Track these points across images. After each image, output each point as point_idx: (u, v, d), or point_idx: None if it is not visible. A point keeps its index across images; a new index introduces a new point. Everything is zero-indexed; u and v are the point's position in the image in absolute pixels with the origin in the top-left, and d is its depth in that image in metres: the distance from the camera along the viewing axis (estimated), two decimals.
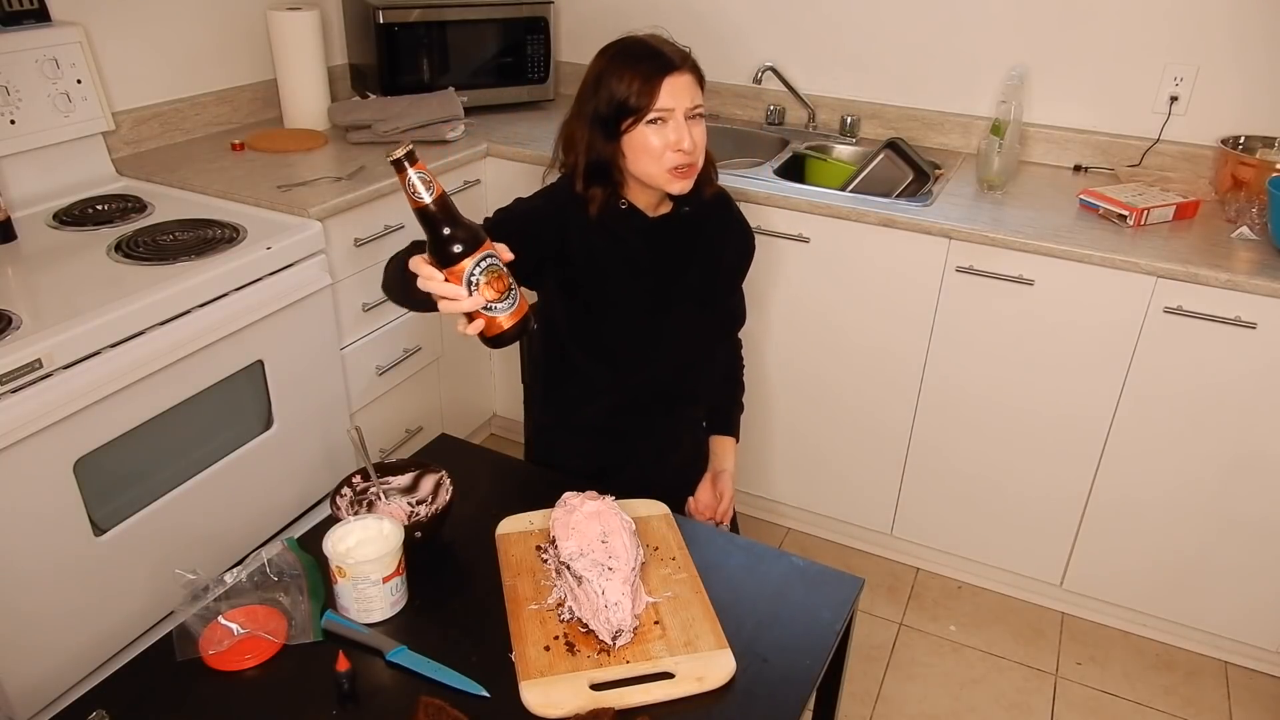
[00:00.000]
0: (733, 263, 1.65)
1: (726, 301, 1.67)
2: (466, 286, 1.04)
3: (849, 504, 2.37)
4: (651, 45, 1.44)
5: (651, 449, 1.63)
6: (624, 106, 1.40)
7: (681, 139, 1.40)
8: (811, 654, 1.16)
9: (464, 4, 2.51)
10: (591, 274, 1.52)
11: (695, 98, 1.43)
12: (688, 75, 1.42)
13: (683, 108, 1.40)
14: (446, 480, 1.34)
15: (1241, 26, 2.10)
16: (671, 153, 1.41)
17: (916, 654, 2.13)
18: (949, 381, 2.11)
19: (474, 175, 2.36)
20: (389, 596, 1.17)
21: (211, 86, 2.34)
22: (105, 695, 1.08)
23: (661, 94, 1.39)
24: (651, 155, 1.41)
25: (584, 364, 1.57)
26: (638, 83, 1.39)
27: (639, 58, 1.41)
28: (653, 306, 1.54)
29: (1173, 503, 2.00)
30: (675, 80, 1.40)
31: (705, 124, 1.47)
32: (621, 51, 1.44)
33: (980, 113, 2.41)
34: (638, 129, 1.41)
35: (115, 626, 1.61)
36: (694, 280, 1.56)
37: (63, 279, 1.62)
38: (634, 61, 1.41)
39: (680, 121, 1.40)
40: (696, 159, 1.44)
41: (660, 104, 1.39)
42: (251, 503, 1.85)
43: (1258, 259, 1.82)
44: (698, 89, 1.44)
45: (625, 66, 1.41)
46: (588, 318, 1.54)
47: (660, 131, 1.40)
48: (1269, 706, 2.02)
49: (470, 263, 1.03)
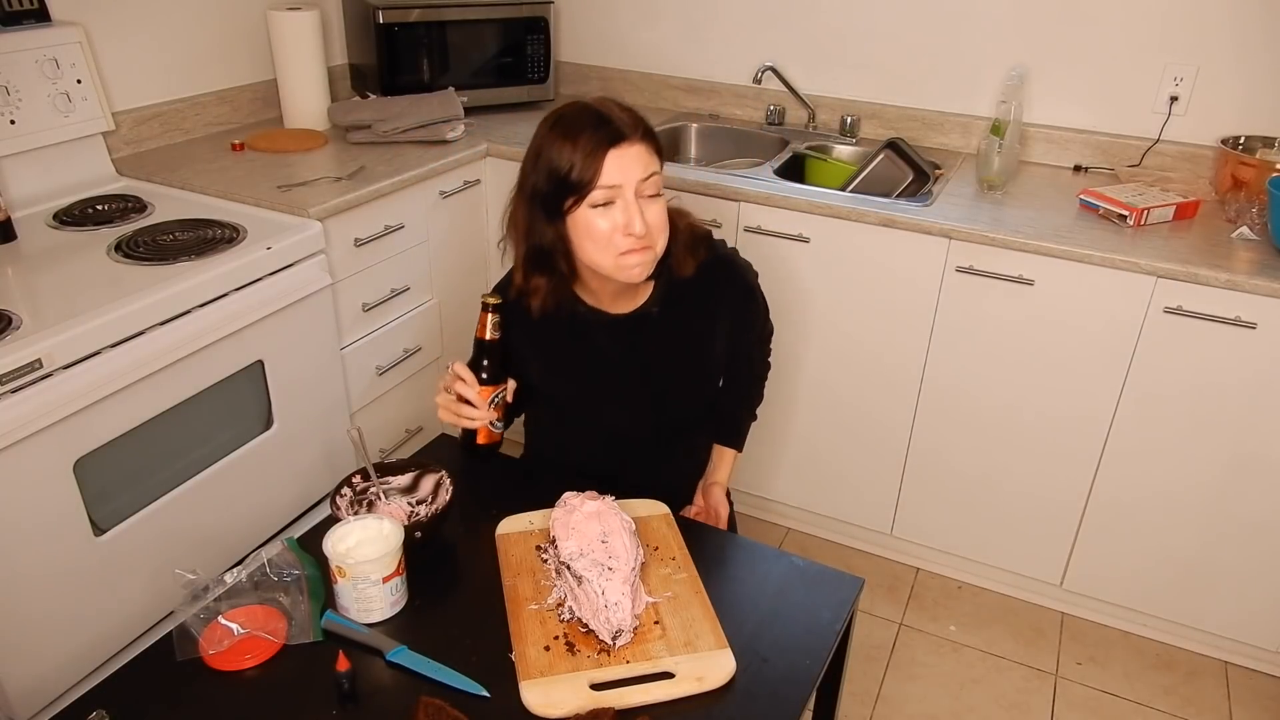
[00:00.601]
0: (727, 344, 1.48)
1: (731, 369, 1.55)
2: (489, 405, 1.34)
3: (849, 504, 2.37)
4: (597, 112, 1.25)
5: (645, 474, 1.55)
6: (565, 183, 1.23)
7: (631, 222, 1.23)
8: (811, 654, 1.16)
9: (464, 4, 2.51)
10: (552, 377, 1.44)
11: (648, 168, 1.25)
12: (638, 145, 1.24)
13: (632, 183, 1.23)
14: (446, 480, 1.34)
15: (1241, 26, 2.10)
16: (621, 237, 1.24)
17: (916, 654, 2.13)
18: (949, 381, 2.11)
19: (474, 175, 2.36)
20: (389, 596, 1.17)
21: (211, 86, 2.34)
22: (105, 695, 1.08)
23: (606, 168, 1.21)
24: (598, 241, 1.25)
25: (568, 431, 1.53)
26: (579, 156, 1.21)
27: (581, 127, 1.23)
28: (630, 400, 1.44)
29: (1173, 502, 2.00)
30: (623, 152, 1.22)
31: (664, 200, 1.29)
32: (562, 120, 1.26)
33: (980, 113, 2.41)
34: (581, 210, 1.24)
35: (115, 626, 1.61)
36: (677, 376, 1.44)
37: (63, 279, 1.62)
38: (575, 131, 1.23)
39: (630, 200, 1.23)
40: (653, 242, 1.27)
41: (605, 180, 1.22)
42: (251, 503, 1.85)
43: (1258, 259, 1.82)
44: (653, 158, 1.26)
45: (566, 138, 1.23)
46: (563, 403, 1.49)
47: (607, 213, 1.24)
48: (1269, 706, 2.02)
49: (497, 390, 1.34)
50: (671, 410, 1.50)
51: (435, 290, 2.32)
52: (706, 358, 1.47)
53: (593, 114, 1.24)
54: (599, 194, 1.23)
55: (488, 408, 1.33)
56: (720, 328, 1.46)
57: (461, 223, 2.36)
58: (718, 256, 1.44)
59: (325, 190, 1.99)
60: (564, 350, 1.42)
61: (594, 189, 1.22)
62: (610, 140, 1.22)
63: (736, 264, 1.47)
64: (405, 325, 2.23)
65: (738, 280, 1.47)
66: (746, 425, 1.66)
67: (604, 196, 1.23)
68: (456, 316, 2.36)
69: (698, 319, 1.43)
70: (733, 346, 1.50)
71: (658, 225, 1.28)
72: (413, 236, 2.19)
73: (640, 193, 1.25)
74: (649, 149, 1.26)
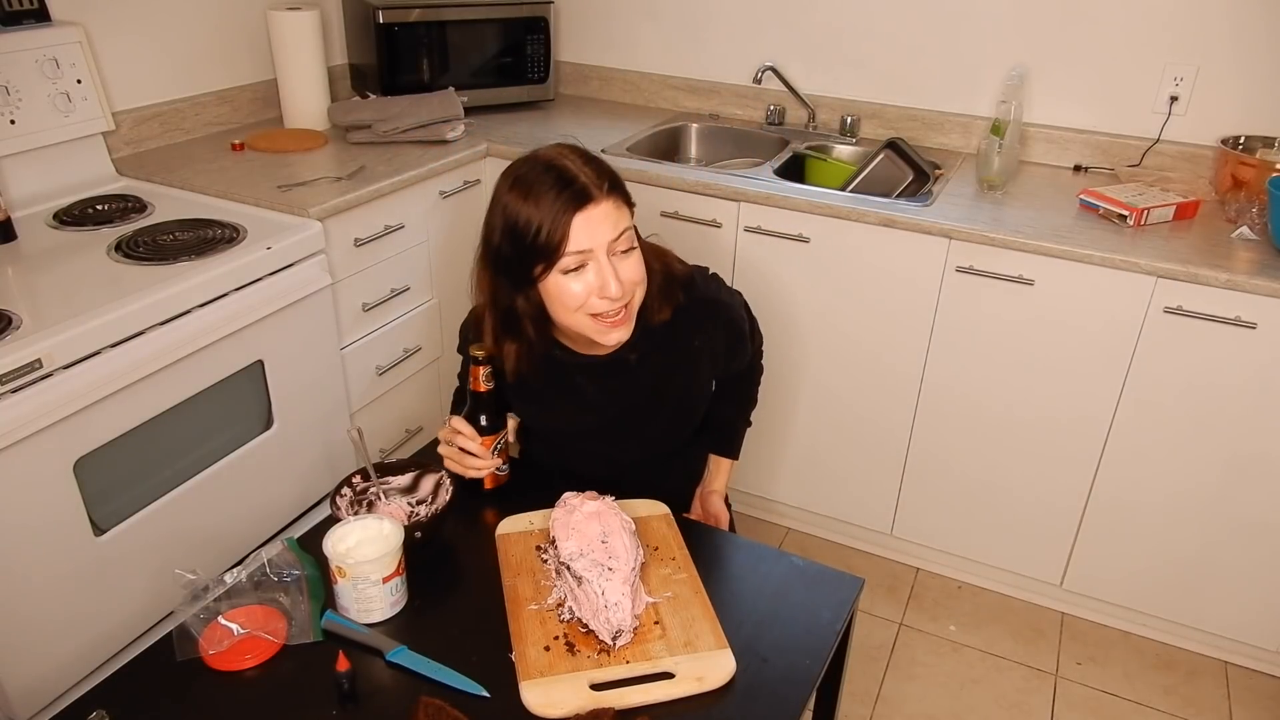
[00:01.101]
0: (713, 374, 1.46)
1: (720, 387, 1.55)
2: (493, 452, 1.37)
3: (849, 504, 2.37)
4: (560, 171, 1.17)
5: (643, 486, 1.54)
6: (531, 250, 1.16)
7: (605, 285, 1.17)
8: (811, 654, 1.16)
9: (464, 4, 2.51)
10: (539, 418, 1.45)
11: (619, 224, 1.18)
12: (605, 203, 1.17)
13: (603, 245, 1.17)
14: (446, 480, 1.34)
15: (1241, 27, 2.10)
16: (596, 299, 1.19)
17: (916, 654, 2.13)
18: (949, 381, 2.11)
19: (474, 175, 2.36)
20: (389, 596, 1.17)
21: (211, 86, 2.34)
22: (105, 695, 1.08)
23: (574, 234, 1.15)
24: (571, 305, 1.19)
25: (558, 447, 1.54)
26: (545, 222, 1.15)
27: (543, 190, 1.16)
28: (612, 438, 1.45)
29: (1173, 502, 2.00)
30: (589, 214, 1.16)
31: (639, 251, 1.23)
32: (521, 182, 1.19)
33: (980, 113, 2.41)
34: (551, 277, 1.18)
35: (115, 626, 1.61)
36: (659, 414, 1.42)
37: (63, 279, 1.62)
38: (537, 195, 1.16)
39: (603, 263, 1.17)
40: (630, 299, 1.22)
41: (574, 246, 1.15)
42: (251, 503, 1.85)
43: (1258, 259, 1.82)
44: (622, 213, 1.19)
45: (527, 201, 1.17)
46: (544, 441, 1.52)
47: (580, 276, 1.18)
48: (1269, 706, 2.02)
49: (498, 437, 1.37)
50: (659, 443, 1.51)
51: (435, 290, 2.32)
52: (688, 397, 1.46)
53: (554, 174, 1.17)
54: (569, 260, 1.17)
55: (491, 455, 1.36)
56: (703, 367, 1.43)
57: (461, 223, 2.36)
58: (696, 300, 1.36)
59: (325, 190, 1.99)
60: (546, 395, 1.41)
61: (563, 256, 1.16)
62: (576, 203, 1.15)
63: (719, 303, 1.41)
64: (405, 325, 2.23)
65: (720, 319, 1.41)
66: (742, 433, 1.63)
67: (575, 262, 1.17)
68: (456, 316, 2.34)
69: (678, 363, 1.39)
70: (721, 367, 1.49)
71: (633, 280, 1.22)
72: (413, 236, 2.19)
73: (613, 250, 1.19)
74: (617, 203, 1.19)
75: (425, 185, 2.19)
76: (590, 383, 1.39)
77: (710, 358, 1.43)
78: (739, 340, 1.47)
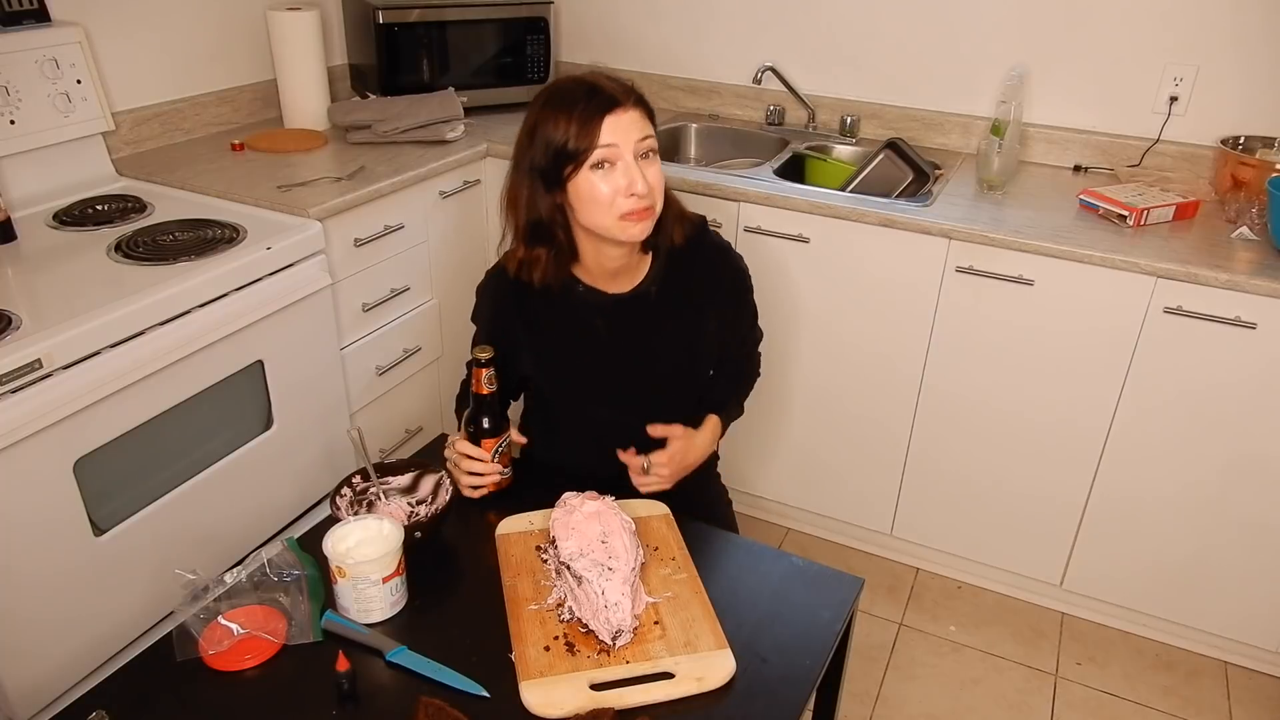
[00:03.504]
0: (718, 324, 1.50)
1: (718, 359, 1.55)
2: (494, 456, 1.38)
3: (849, 504, 2.37)
4: (588, 83, 1.29)
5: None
6: (563, 152, 1.26)
7: (634, 182, 1.26)
8: (811, 654, 1.16)
9: (464, 4, 2.51)
10: (546, 365, 1.46)
11: (644, 130, 1.28)
12: (632, 110, 1.27)
13: (630, 144, 1.26)
14: (446, 480, 1.34)
15: (1241, 27, 2.10)
16: (623, 198, 1.27)
17: (916, 654, 2.13)
18: (949, 381, 2.11)
19: (474, 175, 2.36)
20: (389, 596, 1.17)
21: (211, 86, 2.34)
22: (105, 695, 1.08)
23: (604, 132, 1.25)
24: (599, 203, 1.27)
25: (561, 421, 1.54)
26: (575, 125, 1.25)
27: (574, 99, 1.26)
28: (622, 389, 1.46)
29: (1172, 502, 2.00)
30: (618, 117, 1.26)
31: (660, 162, 1.32)
32: (554, 95, 1.29)
33: (980, 113, 2.41)
34: (581, 174, 1.27)
35: (115, 626, 1.61)
36: (670, 361, 1.46)
37: (63, 279, 1.62)
38: (569, 104, 1.26)
39: (630, 162, 1.26)
40: (653, 201, 1.30)
41: (603, 140, 1.25)
42: (251, 503, 1.85)
43: (1258, 259, 1.83)
44: (647, 123, 1.30)
45: (560, 110, 1.26)
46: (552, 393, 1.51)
47: (608, 177, 1.27)
48: (1269, 706, 2.02)
49: (500, 440, 1.38)
50: (662, 397, 1.50)
51: (435, 290, 2.32)
52: (698, 340, 1.49)
53: (584, 86, 1.28)
54: (598, 154, 1.26)
55: (493, 459, 1.38)
56: (712, 312, 1.49)
57: (461, 223, 2.36)
58: (713, 242, 1.50)
59: (325, 190, 1.99)
60: (559, 335, 1.43)
61: (593, 151, 1.25)
62: (605, 107, 1.26)
63: (731, 251, 1.53)
64: (405, 325, 2.23)
65: (732, 264, 1.51)
66: (735, 396, 1.60)
67: (602, 156, 1.26)
68: (456, 316, 2.36)
69: (693, 300, 1.46)
70: (726, 333, 1.53)
71: (658, 185, 1.31)
72: (413, 236, 2.19)
73: (638, 153, 1.28)
74: (642, 114, 1.30)
75: (425, 185, 2.20)
76: (607, 323, 1.43)
77: (723, 301, 1.50)
78: (748, 290, 1.55)
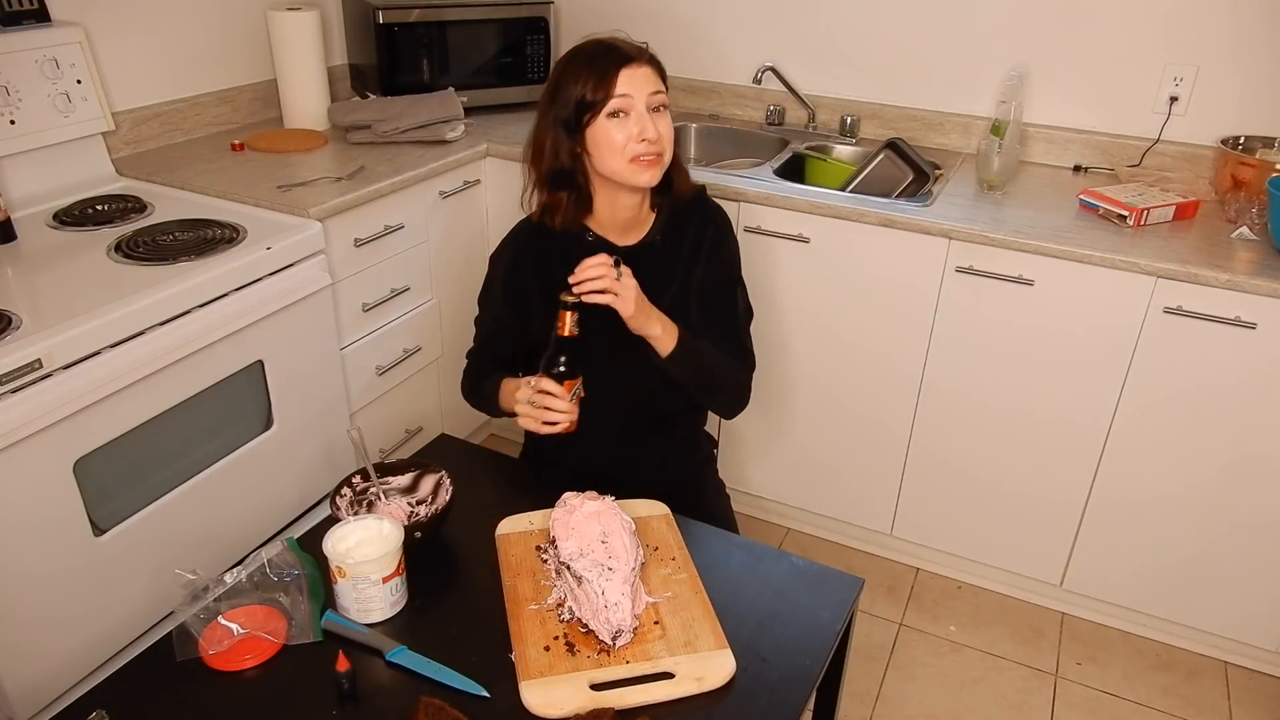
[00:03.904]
0: (705, 279, 1.56)
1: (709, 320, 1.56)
2: (571, 396, 1.38)
3: (849, 504, 2.37)
4: (606, 42, 1.45)
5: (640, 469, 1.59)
6: (582, 102, 1.40)
7: (645, 128, 1.40)
8: (811, 654, 1.16)
9: (464, 4, 2.51)
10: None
11: (655, 85, 1.43)
12: (645, 67, 1.42)
13: (643, 96, 1.40)
14: (446, 480, 1.34)
15: (1241, 26, 2.10)
16: (635, 143, 1.40)
17: (916, 654, 2.13)
18: (949, 381, 2.11)
19: (474, 175, 2.36)
20: (389, 596, 1.17)
21: (211, 86, 2.34)
22: (105, 695, 1.08)
23: (619, 83, 1.39)
24: (614, 148, 1.40)
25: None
26: (594, 78, 1.39)
27: (593, 55, 1.42)
28: (624, 340, 1.46)
29: (1172, 502, 2.00)
30: (632, 71, 1.40)
31: (670, 116, 1.46)
32: (576, 53, 1.44)
33: (980, 113, 2.41)
34: (598, 122, 1.40)
35: (115, 626, 1.61)
36: (670, 310, 1.49)
37: (63, 279, 1.62)
38: (589, 59, 1.41)
39: (642, 111, 1.40)
40: (663, 149, 1.43)
41: (618, 91, 1.39)
42: (251, 503, 1.85)
43: (1258, 259, 1.83)
44: (658, 79, 1.44)
45: (580, 65, 1.41)
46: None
47: (622, 125, 1.40)
48: (1269, 706, 2.02)
49: (577, 384, 1.39)
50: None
51: (435, 290, 2.32)
52: (688, 288, 1.56)
53: (603, 45, 1.43)
54: (614, 103, 1.39)
55: (571, 401, 1.39)
56: (702, 256, 1.56)
57: (461, 223, 2.36)
58: (710, 203, 1.62)
59: (325, 190, 1.99)
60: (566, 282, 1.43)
61: (609, 100, 1.39)
62: (621, 61, 1.40)
63: (722, 211, 1.63)
64: (405, 325, 2.23)
65: (720, 215, 1.62)
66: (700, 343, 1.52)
67: (618, 106, 1.39)
68: (456, 316, 2.36)
69: (691, 248, 1.56)
70: (710, 279, 1.57)
71: (668, 135, 1.44)
72: (412, 236, 2.19)
73: (650, 105, 1.41)
74: (654, 71, 1.44)
75: (425, 185, 2.20)
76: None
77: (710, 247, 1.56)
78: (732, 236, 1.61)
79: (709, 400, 1.63)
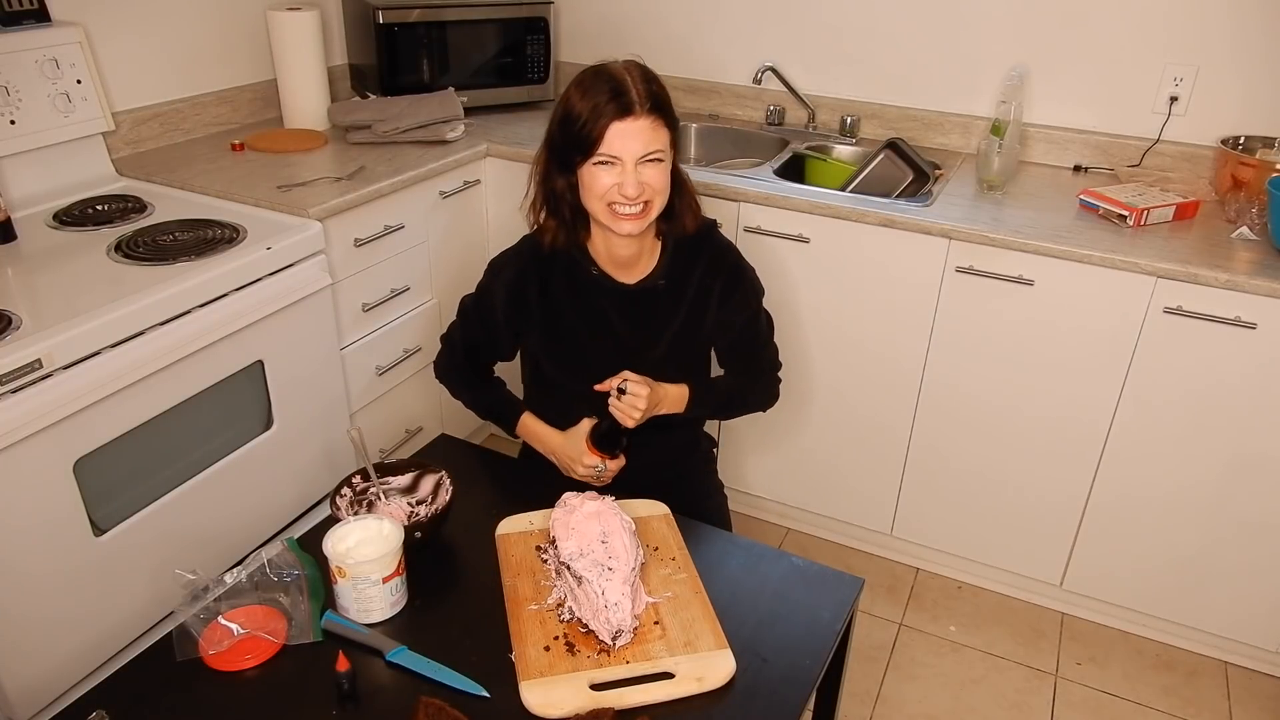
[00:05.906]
0: (721, 320, 1.55)
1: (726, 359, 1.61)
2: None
3: (849, 504, 2.37)
4: (617, 81, 1.34)
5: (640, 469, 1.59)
6: (572, 138, 1.35)
7: (625, 185, 1.34)
8: (811, 654, 1.16)
9: (464, 4, 2.51)
10: (552, 341, 1.51)
11: (650, 144, 1.34)
12: (643, 120, 1.33)
13: (631, 158, 1.34)
14: (446, 480, 1.34)
15: (1241, 26, 2.10)
16: (617, 193, 1.36)
17: (916, 654, 2.13)
18: (949, 381, 2.11)
19: (474, 175, 2.36)
20: (389, 597, 1.17)
21: (211, 86, 2.34)
22: (105, 695, 1.08)
23: (607, 139, 1.32)
24: (595, 194, 1.37)
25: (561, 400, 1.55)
26: (589, 122, 1.33)
27: (598, 91, 1.34)
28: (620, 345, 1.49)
29: (1173, 503, 2.00)
30: (625, 126, 1.32)
31: (668, 166, 1.39)
32: (584, 79, 1.37)
33: (980, 113, 2.41)
34: (587, 165, 1.36)
35: (115, 626, 1.61)
36: (670, 350, 1.51)
37: (63, 279, 1.62)
38: (591, 94, 1.34)
39: (628, 168, 1.34)
40: (651, 199, 1.37)
41: (604, 150, 1.33)
42: (251, 503, 1.85)
43: (1258, 259, 1.83)
44: (658, 133, 1.35)
45: (583, 98, 1.34)
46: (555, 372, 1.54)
47: (610, 171, 1.35)
48: (1269, 706, 2.02)
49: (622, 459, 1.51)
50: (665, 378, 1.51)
51: (435, 290, 2.32)
52: (698, 330, 1.54)
53: (611, 81, 1.34)
54: (598, 157, 1.34)
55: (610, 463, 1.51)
56: (711, 303, 1.54)
57: (461, 223, 2.36)
58: (719, 240, 1.57)
59: (325, 190, 1.99)
60: (569, 311, 1.46)
61: (595, 155, 1.34)
62: (616, 113, 1.32)
63: (734, 250, 1.60)
64: (405, 325, 2.23)
65: (730, 258, 1.58)
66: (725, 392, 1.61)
67: (604, 158, 1.34)
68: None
69: (697, 292, 1.52)
70: (727, 323, 1.56)
71: (656, 186, 1.37)
72: (412, 236, 2.19)
73: (640, 161, 1.35)
74: (655, 122, 1.35)
75: (425, 185, 2.20)
76: (617, 310, 1.50)
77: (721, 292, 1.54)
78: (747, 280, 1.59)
79: (738, 416, 1.72)
